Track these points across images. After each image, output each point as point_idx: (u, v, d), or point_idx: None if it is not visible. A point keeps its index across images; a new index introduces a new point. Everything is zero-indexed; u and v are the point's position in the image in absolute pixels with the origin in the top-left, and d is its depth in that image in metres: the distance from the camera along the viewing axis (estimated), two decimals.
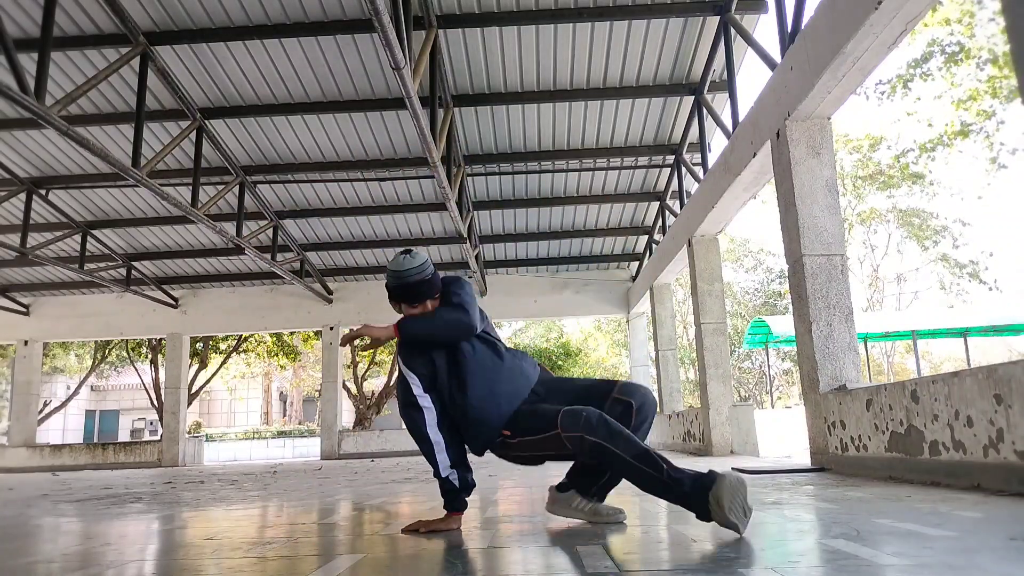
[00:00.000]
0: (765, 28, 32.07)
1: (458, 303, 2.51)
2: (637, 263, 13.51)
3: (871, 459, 4.21)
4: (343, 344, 2.62)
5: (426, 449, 2.49)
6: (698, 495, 2.11)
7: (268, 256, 10.91)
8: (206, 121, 8.43)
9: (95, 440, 30.14)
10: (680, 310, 26.99)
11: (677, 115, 9.08)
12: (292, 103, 8.28)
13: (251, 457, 25.10)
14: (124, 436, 30.28)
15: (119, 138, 8.81)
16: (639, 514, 2.84)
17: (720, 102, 8.32)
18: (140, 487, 6.44)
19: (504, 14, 6.95)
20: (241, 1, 6.65)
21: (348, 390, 19.28)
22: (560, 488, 2.65)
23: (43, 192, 10.03)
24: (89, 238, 11.42)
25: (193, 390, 18.34)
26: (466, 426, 2.50)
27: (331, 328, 14.07)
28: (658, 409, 2.66)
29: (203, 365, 19.21)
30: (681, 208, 9.66)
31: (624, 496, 3.62)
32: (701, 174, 8.62)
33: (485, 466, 7.83)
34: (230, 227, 10.37)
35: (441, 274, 2.63)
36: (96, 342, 20.97)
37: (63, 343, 22.40)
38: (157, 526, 3.13)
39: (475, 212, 11.17)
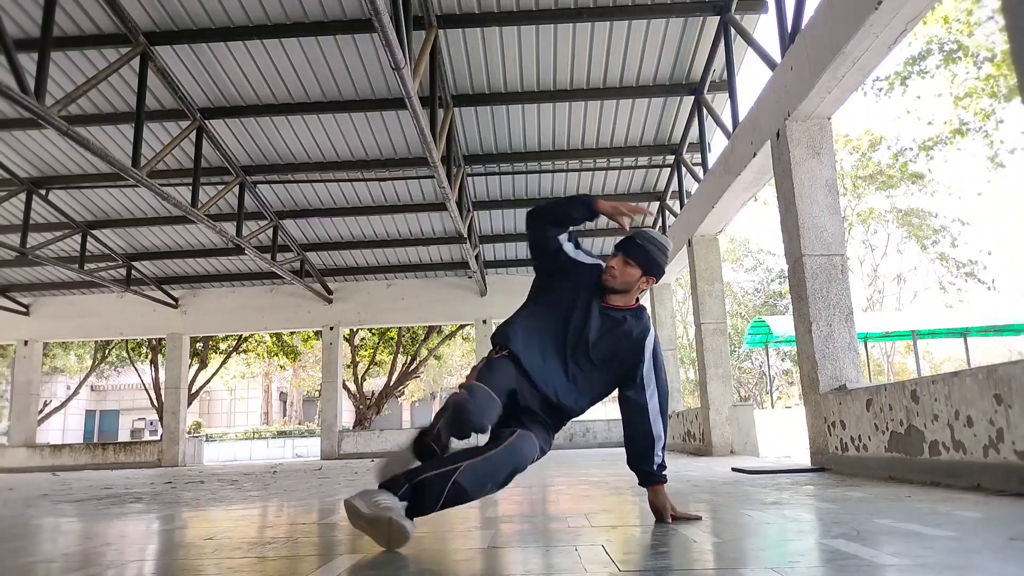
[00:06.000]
0: (765, 28, 32.07)
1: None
2: None
3: (871, 459, 4.21)
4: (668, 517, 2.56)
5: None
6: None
7: (268, 256, 10.91)
8: (206, 121, 8.42)
9: (95, 440, 30.13)
10: (680, 310, 26.99)
11: (677, 115, 9.08)
12: (292, 103, 8.28)
13: (251, 457, 25.10)
14: (124, 436, 30.27)
15: (119, 138, 8.81)
16: (638, 514, 2.84)
17: (720, 102, 8.32)
18: (140, 487, 6.43)
19: (504, 14, 6.95)
20: (241, 1, 6.65)
21: (348, 390, 19.27)
22: None
23: (43, 192, 10.02)
24: (89, 238, 11.42)
25: (193, 390, 18.33)
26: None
27: (331, 328, 14.06)
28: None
29: (203, 365, 19.21)
30: (681, 208, 9.66)
31: (624, 496, 3.62)
32: (701, 174, 8.62)
33: None
34: (230, 227, 10.37)
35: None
36: (96, 342, 20.97)
37: (63, 343, 22.40)
38: (157, 526, 3.13)
39: (475, 212, 11.16)
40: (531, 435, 2.31)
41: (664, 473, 2.57)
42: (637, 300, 2.65)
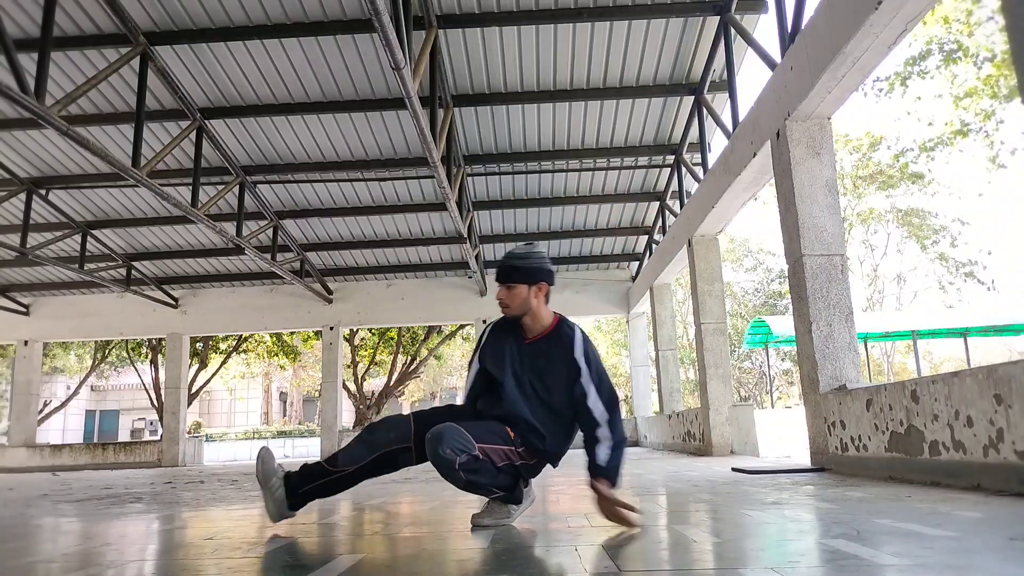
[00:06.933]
0: (765, 28, 32.07)
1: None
2: (637, 263, 13.51)
3: (871, 459, 4.21)
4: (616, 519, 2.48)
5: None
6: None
7: (268, 256, 10.91)
8: (206, 121, 8.42)
9: (95, 440, 30.15)
10: (680, 310, 26.99)
11: (677, 115, 9.08)
12: (292, 103, 8.28)
13: (251, 457, 25.09)
14: (124, 436, 30.31)
15: (119, 138, 8.81)
16: (638, 514, 2.84)
17: (720, 102, 8.32)
18: (140, 487, 6.43)
19: (504, 14, 6.95)
20: (241, 1, 6.65)
21: (348, 390, 19.28)
22: None
23: (43, 192, 10.02)
24: (89, 238, 11.42)
25: (193, 390, 18.34)
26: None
27: (331, 328, 14.06)
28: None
29: (203, 365, 19.21)
30: (681, 208, 9.66)
31: (623, 496, 3.62)
32: (701, 174, 8.62)
33: None
34: (230, 227, 10.37)
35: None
36: (96, 342, 20.97)
37: (63, 343, 22.39)
38: (157, 526, 3.13)
39: (475, 212, 11.16)
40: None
41: (611, 468, 2.49)
42: (556, 317, 2.67)
